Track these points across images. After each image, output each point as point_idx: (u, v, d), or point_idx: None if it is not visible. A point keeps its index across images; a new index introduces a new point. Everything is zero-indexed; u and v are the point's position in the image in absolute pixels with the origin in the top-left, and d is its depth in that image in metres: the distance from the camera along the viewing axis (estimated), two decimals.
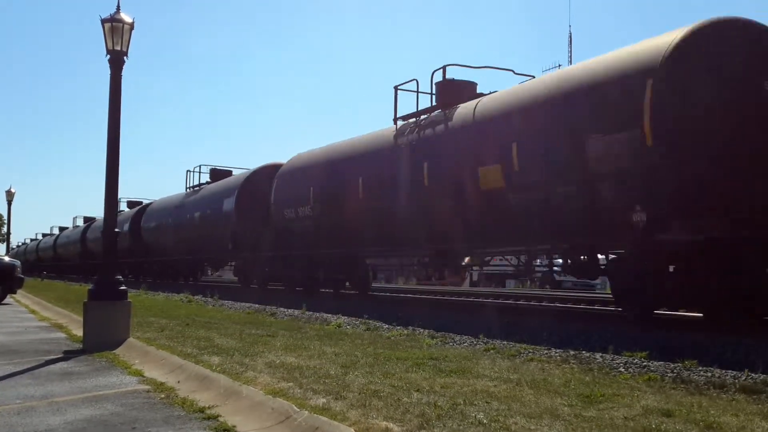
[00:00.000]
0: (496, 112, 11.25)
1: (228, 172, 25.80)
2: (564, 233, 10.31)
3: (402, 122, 14.02)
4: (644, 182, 8.66)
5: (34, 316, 13.55)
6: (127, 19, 8.92)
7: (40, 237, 68.52)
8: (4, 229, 54.16)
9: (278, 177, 18.60)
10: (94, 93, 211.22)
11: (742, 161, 8.39)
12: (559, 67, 13.15)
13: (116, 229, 9.10)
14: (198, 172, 26.58)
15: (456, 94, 12.95)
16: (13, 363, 7.13)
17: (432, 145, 12.61)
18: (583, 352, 6.97)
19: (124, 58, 8.99)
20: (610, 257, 11.02)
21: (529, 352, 7.17)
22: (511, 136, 10.57)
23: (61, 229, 56.68)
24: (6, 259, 18.95)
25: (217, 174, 25.90)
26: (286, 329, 9.66)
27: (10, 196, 32.51)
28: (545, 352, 7.19)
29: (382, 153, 14.09)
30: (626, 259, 10.25)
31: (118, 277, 9.07)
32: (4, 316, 13.40)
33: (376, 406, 4.48)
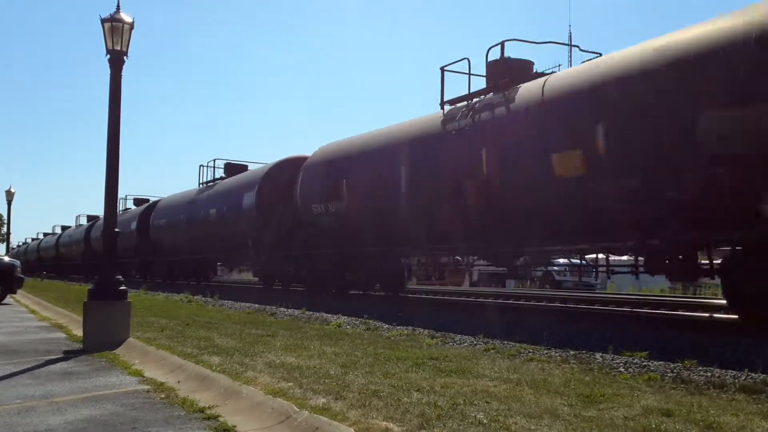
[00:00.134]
0: (574, 89, 9.98)
1: (243, 167, 24.45)
2: (664, 226, 9.00)
3: (449, 107, 12.84)
4: None
5: (34, 316, 13.56)
6: (127, 18, 8.94)
7: (41, 236, 67.58)
8: (4, 229, 54.00)
9: (304, 169, 17.30)
10: (94, 93, 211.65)
11: None
12: (560, 67, 12.53)
13: (116, 229, 9.13)
14: (212, 166, 25.21)
15: (513, 74, 11.78)
16: (13, 363, 7.13)
17: (491, 130, 11.38)
18: (583, 352, 6.97)
19: (124, 57, 9.01)
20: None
21: (529, 352, 7.17)
22: (595, 116, 9.38)
23: (64, 228, 55.46)
24: (6, 259, 18.95)
25: (232, 168, 24.49)
26: (286, 329, 9.66)
27: (10, 196, 32.49)
28: (545, 352, 7.19)
29: (428, 140, 12.87)
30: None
31: (118, 277, 9.08)
32: (4, 316, 13.40)
33: (376, 406, 4.49)
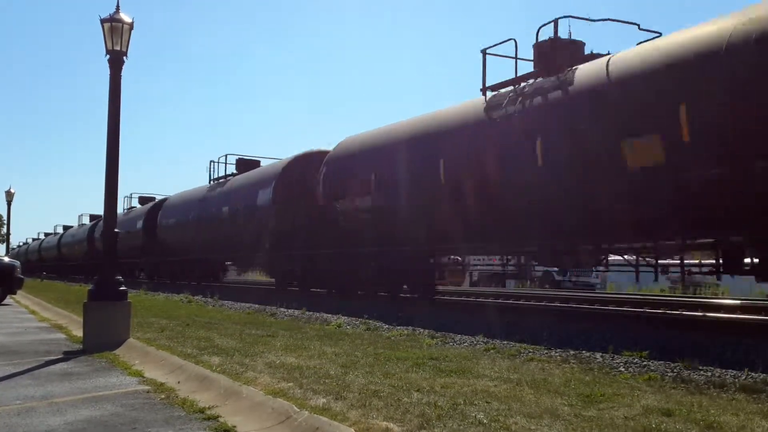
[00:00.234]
0: (645, 68, 8.92)
1: (256, 162, 23.46)
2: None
3: (492, 93, 11.94)
4: None
5: (34, 317, 13.55)
6: (127, 19, 8.94)
7: (42, 236, 66.91)
8: (4, 230, 53.84)
9: (327, 164, 16.28)
10: (94, 93, 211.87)
11: None
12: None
13: (116, 230, 9.12)
14: (224, 162, 24.03)
15: (564, 56, 10.82)
16: (13, 364, 7.13)
17: (545, 116, 10.38)
18: (583, 352, 6.98)
19: (124, 58, 9.02)
20: None
21: (529, 352, 7.17)
22: (676, 96, 8.33)
23: (66, 228, 54.46)
24: (6, 260, 18.94)
25: (245, 164, 23.41)
26: (286, 329, 9.66)
27: (10, 197, 32.48)
28: (545, 351, 7.19)
29: (470, 130, 11.89)
30: None
31: (119, 277, 9.08)
32: (4, 317, 13.39)
33: (376, 406, 4.49)
